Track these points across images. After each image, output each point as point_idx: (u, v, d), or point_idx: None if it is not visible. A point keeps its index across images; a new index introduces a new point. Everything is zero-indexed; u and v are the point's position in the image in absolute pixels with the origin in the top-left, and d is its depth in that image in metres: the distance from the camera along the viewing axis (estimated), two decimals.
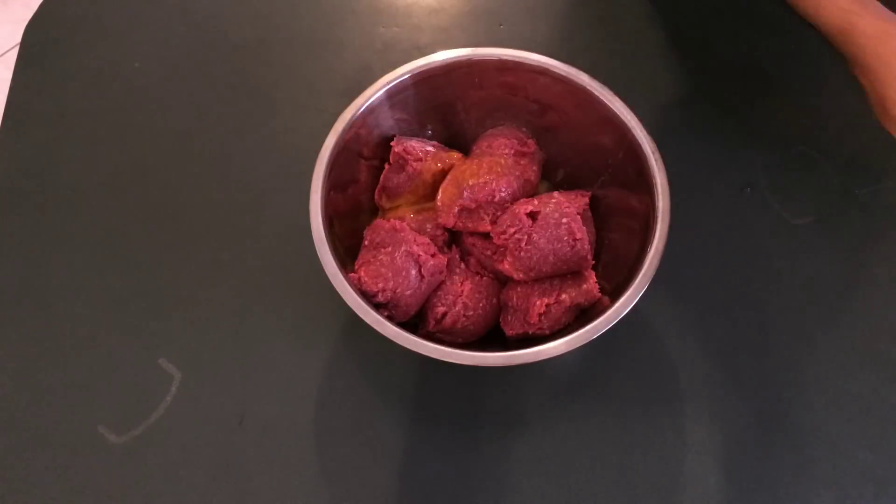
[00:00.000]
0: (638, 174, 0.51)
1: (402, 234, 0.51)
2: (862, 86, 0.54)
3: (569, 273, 0.52)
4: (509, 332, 0.52)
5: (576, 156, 0.58)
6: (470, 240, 0.54)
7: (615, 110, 0.52)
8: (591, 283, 0.51)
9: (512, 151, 0.56)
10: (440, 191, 0.54)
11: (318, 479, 0.52)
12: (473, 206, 0.52)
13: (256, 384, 0.55)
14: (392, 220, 0.53)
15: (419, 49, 0.69)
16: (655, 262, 0.47)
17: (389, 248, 0.50)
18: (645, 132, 0.51)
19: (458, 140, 0.60)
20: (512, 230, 0.50)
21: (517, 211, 0.50)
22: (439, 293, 0.52)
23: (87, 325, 0.57)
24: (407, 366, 0.56)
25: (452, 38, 0.70)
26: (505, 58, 0.54)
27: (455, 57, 0.54)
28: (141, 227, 0.61)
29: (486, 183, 0.52)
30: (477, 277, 0.53)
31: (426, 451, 0.53)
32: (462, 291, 0.52)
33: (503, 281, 0.54)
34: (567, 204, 0.51)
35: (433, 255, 0.51)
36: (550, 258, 0.50)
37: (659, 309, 0.57)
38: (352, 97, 0.53)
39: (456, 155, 0.58)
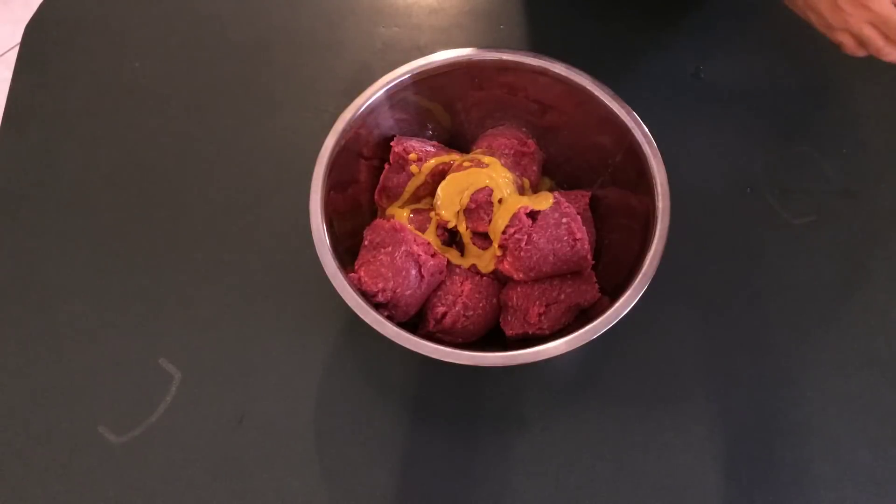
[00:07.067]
0: (638, 174, 0.51)
1: (402, 234, 0.51)
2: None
3: (569, 273, 0.52)
4: (509, 332, 0.52)
5: (576, 156, 0.58)
6: (470, 240, 0.54)
7: (615, 110, 0.52)
8: (591, 283, 0.51)
9: (512, 151, 0.56)
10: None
11: (318, 479, 0.52)
12: (473, 206, 0.52)
13: (256, 384, 0.55)
14: (392, 220, 0.53)
15: (419, 49, 0.69)
16: (655, 262, 0.47)
17: (389, 248, 0.50)
18: (645, 132, 0.51)
19: (458, 140, 0.60)
20: (512, 230, 0.50)
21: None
22: (439, 293, 0.52)
23: (87, 325, 0.57)
24: (407, 366, 0.56)
25: (452, 38, 0.70)
26: (505, 58, 0.54)
27: (455, 57, 0.54)
28: (141, 227, 0.61)
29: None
30: (477, 277, 0.53)
31: (426, 451, 0.53)
32: (462, 291, 0.52)
33: (503, 281, 0.54)
34: (567, 204, 0.51)
35: (433, 255, 0.51)
36: (550, 258, 0.50)
37: (659, 309, 0.57)
38: (352, 97, 0.53)
39: (456, 155, 0.58)
